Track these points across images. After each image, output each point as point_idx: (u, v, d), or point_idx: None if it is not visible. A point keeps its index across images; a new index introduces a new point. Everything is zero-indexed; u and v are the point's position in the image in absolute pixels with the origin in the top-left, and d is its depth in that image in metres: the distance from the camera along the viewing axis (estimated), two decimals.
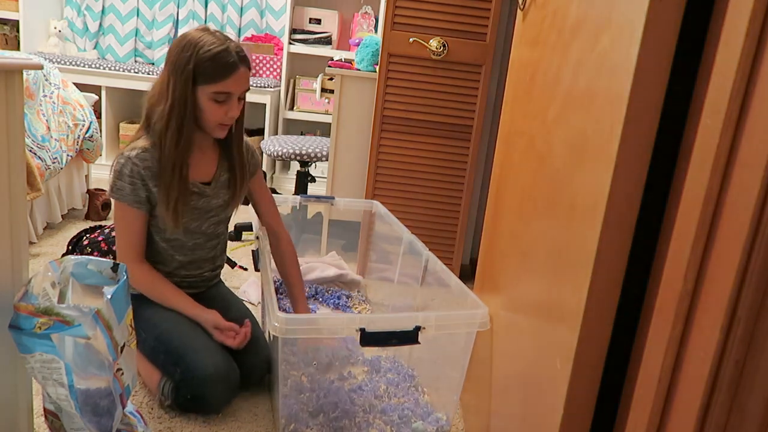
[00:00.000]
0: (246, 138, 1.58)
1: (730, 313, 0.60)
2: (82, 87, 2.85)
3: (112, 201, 1.41)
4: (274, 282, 2.08)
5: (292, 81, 3.81)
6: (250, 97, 3.55)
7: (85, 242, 1.74)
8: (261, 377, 1.49)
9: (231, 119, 1.39)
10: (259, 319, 1.86)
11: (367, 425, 1.35)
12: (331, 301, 2.02)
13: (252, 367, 1.45)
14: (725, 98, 0.61)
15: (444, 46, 2.06)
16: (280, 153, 2.57)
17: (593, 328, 0.84)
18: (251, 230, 2.63)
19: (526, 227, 1.12)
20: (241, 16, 3.83)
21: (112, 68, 3.46)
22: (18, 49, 3.55)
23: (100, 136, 2.76)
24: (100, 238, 1.78)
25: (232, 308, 1.54)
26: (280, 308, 1.86)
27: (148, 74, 3.46)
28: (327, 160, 2.52)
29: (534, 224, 1.07)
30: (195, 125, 1.39)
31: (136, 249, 1.42)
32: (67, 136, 2.41)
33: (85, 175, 2.79)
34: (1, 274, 1.00)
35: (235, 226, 2.65)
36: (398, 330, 1.22)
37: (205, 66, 1.32)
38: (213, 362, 1.33)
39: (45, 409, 1.09)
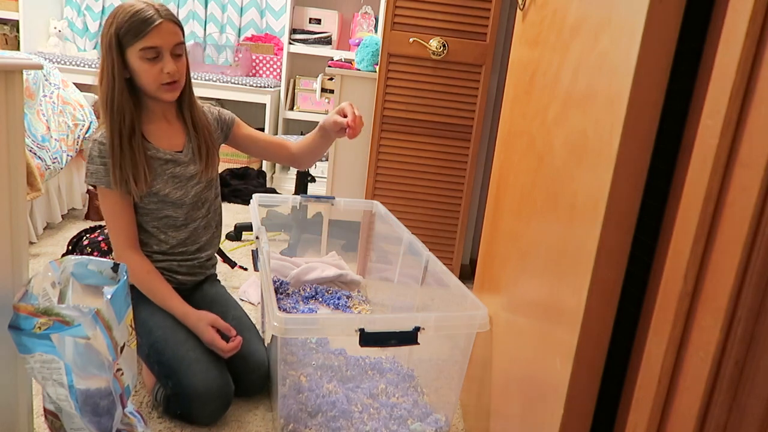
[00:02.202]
0: (208, 104, 1.57)
1: (730, 313, 0.60)
2: (82, 87, 2.85)
3: (95, 189, 1.41)
4: (274, 282, 2.08)
5: (292, 81, 3.81)
6: (250, 97, 3.56)
7: (85, 242, 1.74)
8: (260, 388, 1.48)
9: (170, 76, 1.36)
10: (258, 319, 1.86)
11: (365, 425, 1.35)
12: (331, 301, 2.01)
13: (251, 384, 1.44)
14: (725, 98, 0.61)
15: (444, 46, 2.06)
16: None
17: (593, 328, 0.84)
18: (251, 230, 2.63)
19: (525, 227, 1.12)
20: (241, 16, 3.83)
21: None
22: (18, 49, 3.55)
23: None
24: (100, 238, 1.78)
25: (229, 313, 1.52)
26: (279, 308, 1.86)
27: None
28: (327, 160, 2.52)
29: (534, 224, 1.07)
30: (145, 95, 1.39)
31: (127, 235, 1.40)
32: (67, 136, 2.41)
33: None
34: (1, 274, 1.00)
35: (235, 226, 2.65)
36: (397, 330, 1.22)
37: (125, 26, 1.31)
38: (204, 379, 1.31)
39: (45, 409, 1.09)
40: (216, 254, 1.66)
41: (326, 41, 3.71)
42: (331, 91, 3.49)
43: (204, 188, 1.51)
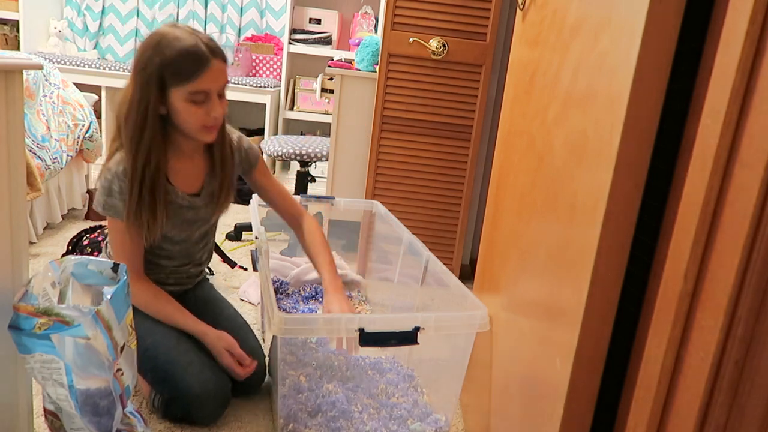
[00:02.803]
0: (240, 135, 1.50)
1: (730, 313, 0.60)
2: (82, 87, 2.85)
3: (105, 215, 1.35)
4: (274, 282, 2.08)
5: (292, 81, 3.81)
6: (250, 97, 3.56)
7: (85, 242, 1.74)
8: (259, 386, 1.48)
9: (215, 120, 1.27)
10: (258, 319, 1.86)
11: (365, 425, 1.35)
12: None
13: (249, 382, 1.43)
14: (725, 98, 0.61)
15: (444, 46, 2.06)
16: (280, 153, 2.57)
17: (593, 328, 0.84)
18: (251, 230, 2.63)
19: (525, 227, 1.12)
20: (241, 16, 3.83)
21: (112, 68, 3.46)
22: (18, 49, 3.55)
23: (100, 136, 2.76)
24: (100, 238, 1.78)
25: (224, 313, 1.52)
26: (279, 308, 1.85)
27: None
28: (327, 160, 2.52)
29: (534, 224, 1.07)
30: (177, 132, 1.30)
31: (133, 264, 1.34)
32: (67, 136, 2.41)
33: (85, 175, 2.79)
34: (1, 274, 1.00)
35: (235, 226, 2.65)
36: (397, 331, 1.22)
37: (174, 65, 1.20)
38: (200, 380, 1.30)
39: (45, 409, 1.09)
40: (215, 254, 1.65)
41: (326, 41, 3.71)
42: (331, 91, 3.49)
43: (210, 228, 1.50)
